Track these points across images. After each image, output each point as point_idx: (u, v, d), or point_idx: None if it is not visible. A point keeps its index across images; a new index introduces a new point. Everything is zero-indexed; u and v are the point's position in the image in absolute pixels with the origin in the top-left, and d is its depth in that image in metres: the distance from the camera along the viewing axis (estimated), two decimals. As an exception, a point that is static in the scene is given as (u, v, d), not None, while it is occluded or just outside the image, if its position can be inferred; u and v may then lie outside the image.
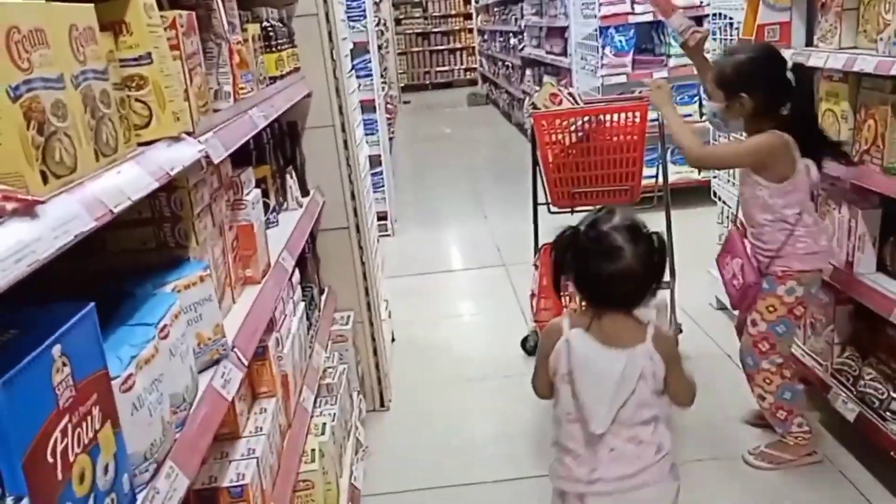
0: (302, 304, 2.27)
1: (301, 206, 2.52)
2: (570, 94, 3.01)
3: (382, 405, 3.12)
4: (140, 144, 1.18)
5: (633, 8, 5.29)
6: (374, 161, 5.09)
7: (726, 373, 3.16)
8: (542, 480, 2.57)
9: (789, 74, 2.28)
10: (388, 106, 7.69)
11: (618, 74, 5.32)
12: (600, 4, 5.26)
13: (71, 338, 0.86)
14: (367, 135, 4.48)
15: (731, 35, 3.60)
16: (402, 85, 12.85)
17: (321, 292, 2.77)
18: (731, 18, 3.55)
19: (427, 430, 2.97)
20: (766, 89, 2.28)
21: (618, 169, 2.92)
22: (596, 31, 5.35)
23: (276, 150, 2.42)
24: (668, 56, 5.40)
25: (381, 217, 5.21)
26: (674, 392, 1.68)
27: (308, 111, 2.74)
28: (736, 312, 2.75)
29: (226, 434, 1.58)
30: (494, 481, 2.61)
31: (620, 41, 5.33)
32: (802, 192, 2.31)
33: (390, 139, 7.00)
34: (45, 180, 0.84)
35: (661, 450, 1.67)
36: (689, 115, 5.44)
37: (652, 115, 2.95)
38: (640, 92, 3.08)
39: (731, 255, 2.49)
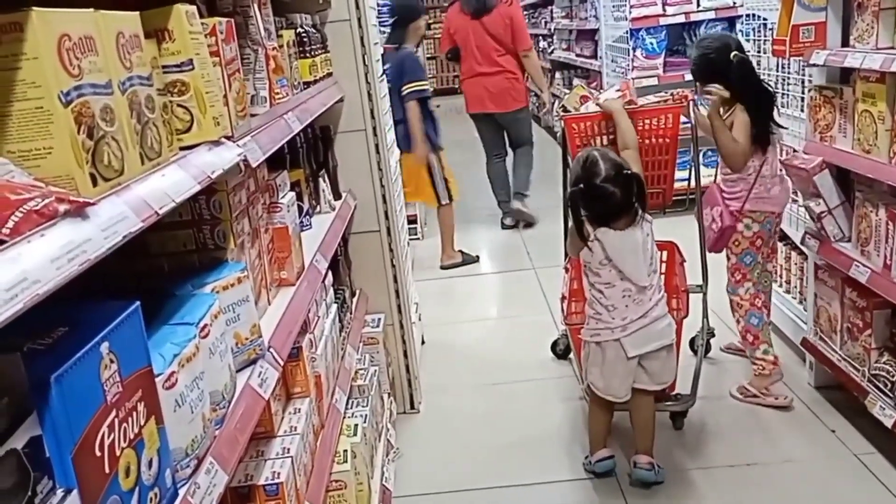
0: (334, 306, 2.29)
1: (333, 210, 2.55)
2: (625, 88, 3.00)
3: (413, 407, 3.14)
4: (181, 148, 1.21)
5: (664, 10, 5.26)
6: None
7: (760, 378, 3.12)
8: (572, 484, 2.58)
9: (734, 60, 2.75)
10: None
11: (649, 76, 5.29)
12: (631, 7, 5.23)
13: (118, 335, 0.89)
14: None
15: (765, 35, 3.57)
16: (432, 89, 12.89)
17: (353, 294, 2.80)
18: (765, 19, 3.52)
19: (457, 432, 2.98)
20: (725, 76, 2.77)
21: (650, 172, 2.90)
22: (627, 33, 5.32)
23: (310, 153, 2.45)
24: (700, 58, 5.34)
25: (411, 220, 5.23)
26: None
27: (340, 115, 2.77)
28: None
29: (261, 433, 1.60)
30: (525, 484, 2.61)
31: (651, 43, 5.30)
32: (757, 158, 2.80)
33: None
34: (94, 182, 0.87)
35: (660, 290, 2.43)
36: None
37: (684, 118, 2.93)
38: (672, 94, 3.05)
39: (711, 205, 2.91)
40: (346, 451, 1.99)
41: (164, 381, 1.02)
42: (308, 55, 2.23)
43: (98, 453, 0.82)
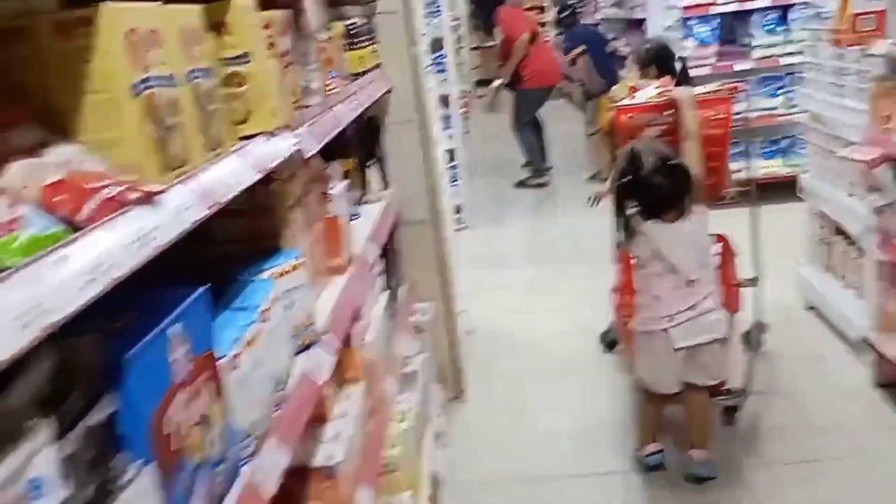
0: (385, 295, 2.32)
1: (382, 199, 2.58)
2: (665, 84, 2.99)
3: (460, 396, 3.16)
4: (240, 138, 1.24)
5: (716, -2, 5.15)
6: (450, 155, 5.13)
7: (816, 374, 3.06)
8: (621, 477, 2.57)
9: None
10: (465, 99, 7.71)
11: (702, 66, 5.17)
12: (683, -6, 5.13)
13: (188, 319, 0.92)
14: (443, 129, 4.52)
15: (821, 23, 3.46)
16: (476, 80, 12.85)
17: (401, 283, 2.83)
18: (821, 7, 3.41)
19: (505, 421, 2.99)
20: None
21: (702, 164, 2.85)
22: (678, 21, 5.22)
23: (360, 143, 2.48)
24: (753, 47, 5.22)
25: (457, 211, 5.25)
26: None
27: (389, 106, 2.79)
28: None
29: (315, 416, 1.64)
30: (572, 476, 2.61)
31: (703, 32, 5.19)
32: None
33: (465, 133, 7.02)
34: (161, 171, 0.90)
35: (715, 283, 2.42)
36: (775, 108, 5.25)
37: (737, 107, 2.87)
38: (725, 85, 2.99)
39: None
40: (396, 435, 2.02)
41: (228, 363, 1.05)
42: (357, 47, 2.26)
43: (168, 430, 0.86)
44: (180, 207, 0.87)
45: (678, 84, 3.12)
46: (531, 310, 4.17)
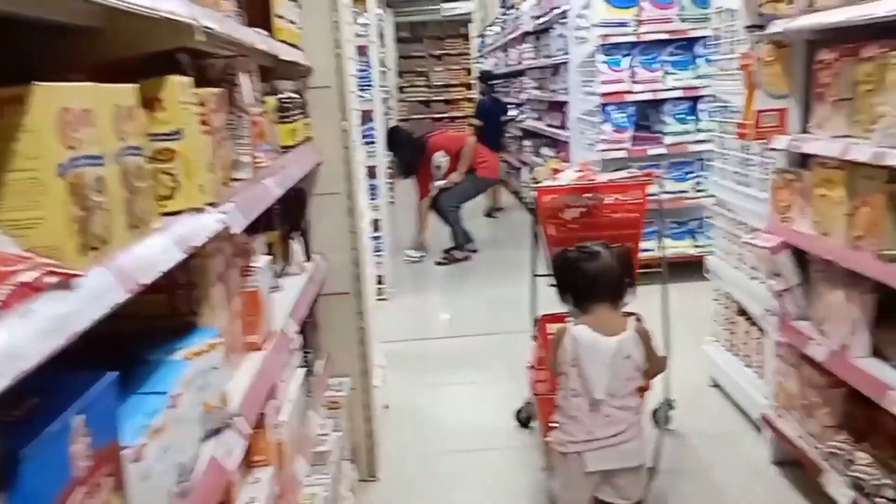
0: (301, 371, 2.27)
1: (304, 271, 2.55)
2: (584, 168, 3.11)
3: (373, 475, 3.08)
4: (165, 214, 1.21)
5: (632, 87, 5.46)
6: (374, 226, 5.15)
7: (719, 451, 3.15)
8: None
9: None
10: (390, 171, 7.80)
11: (617, 150, 5.45)
12: (601, 83, 5.42)
13: (92, 408, 0.87)
14: (368, 200, 4.55)
15: (727, 117, 3.72)
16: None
17: (318, 357, 2.77)
18: (727, 102, 3.67)
19: (416, 502, 2.93)
20: None
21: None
22: (597, 107, 5.50)
23: (285, 215, 2.46)
24: (665, 134, 5.55)
25: (378, 281, 5.24)
26: (652, 365, 2.30)
27: (317, 178, 2.79)
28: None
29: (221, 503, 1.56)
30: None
31: (620, 118, 5.48)
32: None
33: (390, 203, 7.09)
34: (81, 253, 0.87)
35: (639, 412, 2.30)
36: (685, 192, 5.56)
37: (650, 189, 3.02)
38: (639, 170, 3.16)
39: None
40: (306, 521, 1.94)
41: (132, 453, 1.00)
42: (289, 120, 2.27)
43: (65, 531, 0.80)
44: (98, 291, 0.84)
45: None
46: (448, 382, 4.15)
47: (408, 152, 6.86)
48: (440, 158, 6.84)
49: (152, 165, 1.19)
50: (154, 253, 1.02)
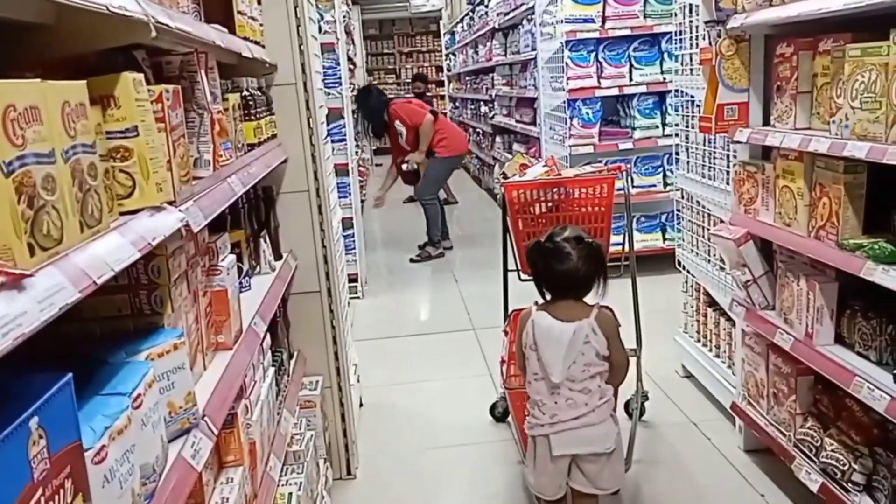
0: (272, 370, 2.25)
1: (274, 270, 2.53)
2: (550, 163, 3.11)
3: (349, 473, 3.07)
4: (123, 213, 1.19)
5: (599, 82, 5.50)
6: (346, 224, 5.13)
7: (692, 441, 3.19)
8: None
9: None
10: (361, 169, 7.78)
11: (585, 145, 5.49)
12: (568, 78, 5.46)
13: (48, 409, 0.86)
14: (339, 198, 4.53)
15: (692, 112, 3.76)
16: (374, 148, 13.04)
17: (290, 356, 2.76)
18: (692, 96, 3.72)
19: (393, 499, 2.93)
20: None
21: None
22: (564, 103, 5.53)
23: (251, 214, 2.44)
24: (633, 129, 5.59)
25: (352, 279, 5.22)
26: (613, 359, 2.26)
27: (284, 176, 2.77)
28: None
29: (192, 504, 1.54)
30: (462, 552, 2.58)
31: (587, 113, 5.51)
32: None
33: (362, 202, 7.06)
34: (32, 253, 0.85)
35: (604, 397, 2.25)
36: (654, 186, 5.61)
37: (618, 184, 3.05)
38: (607, 164, 3.18)
39: None
40: (279, 521, 1.93)
41: (93, 455, 0.98)
42: (253, 118, 2.25)
43: (21, 536, 0.78)
44: (49, 291, 0.83)
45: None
46: (423, 379, 4.16)
47: (374, 115, 6.79)
48: (400, 127, 6.78)
49: (108, 163, 1.17)
50: (108, 252, 1.00)
